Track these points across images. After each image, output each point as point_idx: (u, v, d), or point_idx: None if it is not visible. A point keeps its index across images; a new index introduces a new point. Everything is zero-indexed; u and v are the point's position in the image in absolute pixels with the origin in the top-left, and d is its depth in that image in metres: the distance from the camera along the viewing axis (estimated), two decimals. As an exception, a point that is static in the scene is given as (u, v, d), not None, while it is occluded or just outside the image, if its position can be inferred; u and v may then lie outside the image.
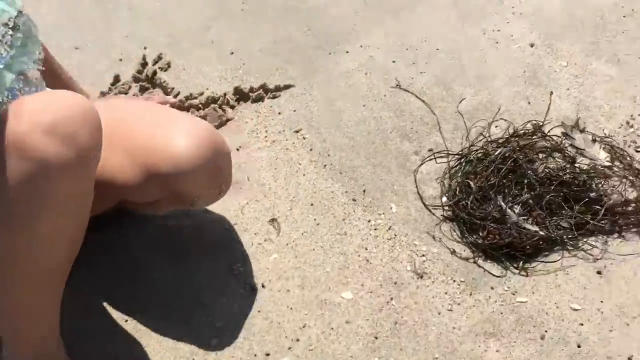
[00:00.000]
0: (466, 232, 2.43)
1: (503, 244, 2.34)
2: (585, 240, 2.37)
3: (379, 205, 2.58)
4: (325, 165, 2.75)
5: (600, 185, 2.47)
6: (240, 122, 2.97)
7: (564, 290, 2.27)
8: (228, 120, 2.96)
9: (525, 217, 2.41)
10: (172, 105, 2.64)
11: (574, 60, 2.97)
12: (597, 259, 2.32)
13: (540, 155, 2.59)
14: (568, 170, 2.49)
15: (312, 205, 2.62)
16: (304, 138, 2.86)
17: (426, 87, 2.96)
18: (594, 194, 2.41)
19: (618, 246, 2.33)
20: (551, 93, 2.82)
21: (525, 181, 2.49)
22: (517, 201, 2.45)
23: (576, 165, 2.53)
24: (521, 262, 2.34)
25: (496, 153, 2.57)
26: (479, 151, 2.64)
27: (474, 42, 3.12)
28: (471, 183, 2.48)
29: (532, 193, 2.44)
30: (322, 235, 2.53)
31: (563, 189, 2.44)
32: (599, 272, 2.29)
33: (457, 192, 2.54)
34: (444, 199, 2.57)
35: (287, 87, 3.08)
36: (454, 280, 2.33)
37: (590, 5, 3.23)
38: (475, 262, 2.37)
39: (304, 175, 2.73)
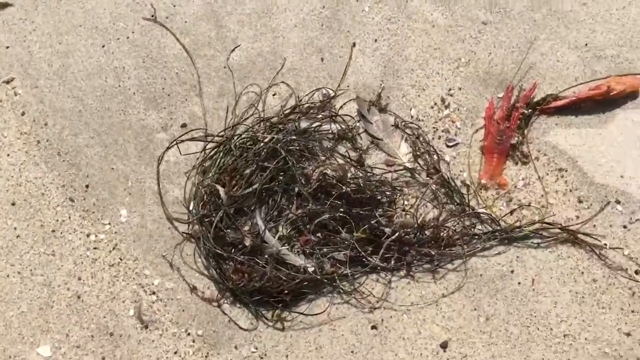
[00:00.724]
0: (212, 261, 1.81)
1: (255, 288, 1.75)
2: (360, 282, 1.81)
3: (105, 210, 1.90)
4: (39, 142, 1.98)
5: (389, 202, 1.86)
6: None
7: (326, 354, 1.77)
8: None
9: (290, 245, 1.81)
10: None
11: None
12: (375, 308, 1.80)
13: (325, 144, 1.92)
14: (351, 178, 1.84)
15: (13, 205, 1.90)
16: (16, 94, 2.03)
17: (191, 22, 2.13)
18: (380, 212, 1.81)
19: (404, 290, 1.81)
20: (353, 45, 2.06)
21: (296, 190, 1.84)
22: (282, 218, 1.84)
23: (366, 168, 1.89)
24: (277, 311, 1.77)
25: (261, 144, 1.85)
26: (244, 135, 1.92)
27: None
28: (221, 191, 1.80)
29: (306, 209, 1.83)
30: (22, 254, 1.85)
31: (342, 205, 1.82)
32: (373, 327, 1.80)
33: (205, 199, 1.86)
34: (191, 206, 1.89)
35: (2, 5, 2.13)
36: (189, 334, 1.78)
37: None
38: (219, 307, 1.80)
39: (7, 155, 1.96)
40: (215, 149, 1.96)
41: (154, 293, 1.85)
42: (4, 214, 1.93)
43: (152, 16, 2.15)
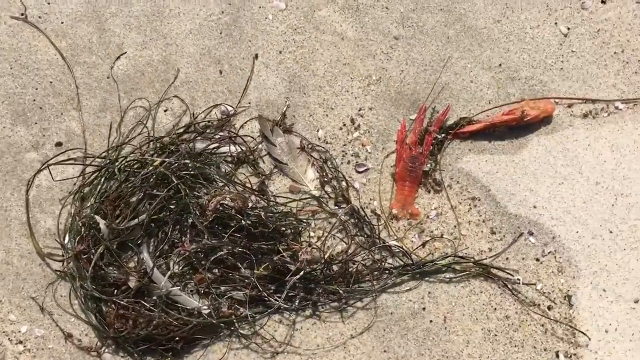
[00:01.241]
0: (91, 303, 1.57)
1: (139, 337, 1.51)
2: (262, 324, 1.63)
3: (-39, 245, 1.59)
4: None
5: (293, 235, 1.68)
6: None
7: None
8: None
9: (183, 284, 1.59)
10: None
11: (297, 2, 1.98)
12: (277, 353, 1.62)
13: (223, 168, 1.71)
14: (252, 207, 1.65)
15: None
16: None
17: (69, 23, 1.86)
18: (283, 246, 1.64)
19: (309, 331, 1.64)
20: (255, 57, 1.85)
21: (190, 222, 1.61)
22: (174, 253, 1.62)
23: (269, 196, 1.70)
24: None
25: (150, 168, 1.61)
26: (130, 158, 1.67)
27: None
28: (101, 222, 1.55)
29: (201, 243, 1.62)
30: None
31: (242, 238, 1.63)
32: (272, 373, 1.61)
33: (83, 232, 1.60)
34: (67, 239, 1.63)
35: None
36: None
37: None
38: (98, 356, 1.55)
39: None
40: (96, 173, 1.70)
41: (20, 342, 1.59)
42: None
43: (22, 14, 1.86)
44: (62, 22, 1.88)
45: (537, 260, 1.76)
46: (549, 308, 1.72)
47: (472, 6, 2.01)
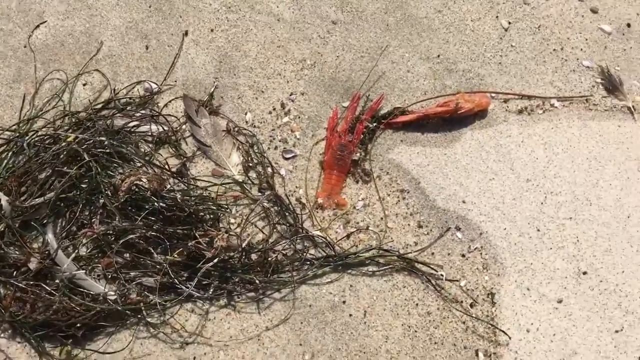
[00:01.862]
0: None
1: (37, 322, 1.42)
2: (172, 313, 1.55)
3: None
4: None
5: (212, 221, 1.61)
6: None
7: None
8: None
9: (90, 267, 1.50)
10: None
11: None
12: (187, 344, 1.54)
13: (143, 148, 1.62)
14: (169, 190, 1.56)
15: None
16: None
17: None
18: (200, 232, 1.56)
19: (222, 322, 1.59)
20: (185, 34, 1.77)
21: (101, 202, 1.52)
22: (82, 236, 1.52)
23: (188, 179, 1.62)
24: (66, 348, 1.46)
25: (63, 144, 1.52)
26: (42, 132, 1.57)
27: None
28: (3, 199, 1.46)
29: (111, 225, 1.52)
30: None
31: (157, 222, 1.53)
32: (185, 362, 1.54)
33: (-13, 208, 1.50)
34: (-31, 213, 1.53)
35: None
36: (-51, 374, 1.41)
37: None
38: (-7, 339, 1.46)
39: None
40: (4, 146, 1.60)
41: None
42: None
43: None
44: (-22, -15, 1.75)
45: (463, 256, 1.71)
46: (472, 305, 1.68)
47: (414, -6, 1.96)
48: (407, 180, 1.77)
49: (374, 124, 1.80)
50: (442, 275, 1.68)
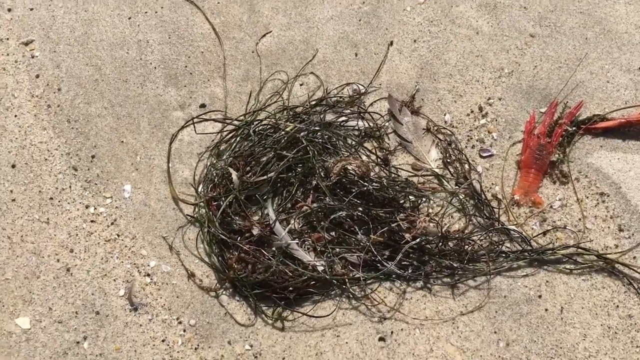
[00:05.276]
0: (215, 248, 1.66)
1: (257, 280, 1.59)
2: (372, 288, 1.64)
3: (109, 183, 1.77)
4: (49, 106, 1.87)
5: (412, 207, 1.72)
6: (-52, 14, 1.99)
7: None
8: None
9: (301, 240, 1.65)
10: None
11: None
12: (385, 319, 1.62)
13: (350, 141, 1.80)
14: (375, 176, 1.69)
15: (13, 167, 1.78)
16: (33, 56, 1.93)
17: (224, 3, 2.06)
18: (401, 216, 1.67)
19: (418, 302, 1.64)
20: (390, 44, 1.94)
21: (314, 183, 1.69)
22: (296, 211, 1.71)
23: (391, 168, 1.75)
24: (278, 309, 1.60)
25: (282, 132, 1.72)
26: (265, 121, 1.79)
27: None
28: (234, 174, 1.66)
29: (322, 204, 1.69)
30: (15, 219, 1.71)
31: (362, 204, 1.67)
32: (381, 339, 1.64)
33: (216, 182, 1.72)
34: (201, 188, 1.76)
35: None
36: (180, 322, 1.63)
37: None
38: (216, 297, 1.64)
39: (15, 117, 1.84)
40: (233, 133, 1.83)
41: (148, 275, 1.70)
42: (2, 175, 1.81)
43: (185, -8, 2.06)
44: (218, 2, 2.06)
45: (669, 261, 1.66)
46: (679, 312, 1.61)
47: (613, 11, 2.00)
48: (607, 184, 1.77)
49: (573, 128, 1.83)
50: (646, 277, 1.64)
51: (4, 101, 1.91)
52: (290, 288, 1.65)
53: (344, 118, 1.86)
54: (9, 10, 2.04)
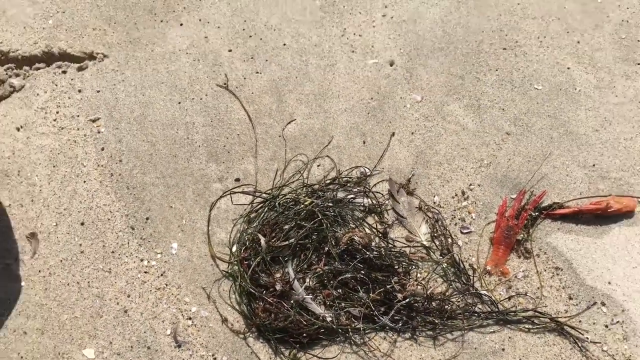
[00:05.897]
0: (245, 299, 2.10)
1: (278, 326, 2.03)
2: (370, 337, 2.11)
3: (159, 241, 2.20)
4: (112, 174, 2.31)
5: (404, 272, 2.16)
6: (30, 93, 2.44)
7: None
8: (14, 91, 2.43)
9: (314, 295, 2.08)
10: None
11: (431, 97, 2.55)
12: (374, 360, 2.06)
13: (356, 214, 2.24)
14: (375, 246, 2.14)
15: (82, 224, 2.21)
16: (99, 132, 2.38)
17: (257, 94, 2.50)
18: (395, 279, 2.11)
19: (406, 350, 2.09)
20: (392, 134, 2.41)
21: (326, 249, 2.14)
22: (311, 272, 2.15)
23: (388, 240, 2.19)
24: (294, 350, 2.04)
25: (301, 206, 2.17)
26: (288, 196, 2.24)
27: (327, 44, 2.62)
28: (262, 239, 2.11)
29: (332, 266, 2.15)
30: (83, 268, 2.15)
31: (364, 268, 2.14)
32: (370, 377, 2.04)
33: (247, 245, 2.17)
34: (234, 248, 2.20)
35: (94, 57, 2.53)
36: (215, 358, 2.05)
37: (472, 26, 2.71)
38: (244, 339, 2.07)
39: (84, 182, 2.29)
40: (262, 204, 2.29)
41: (190, 318, 2.13)
42: (73, 231, 2.25)
43: (225, 84, 2.53)
44: (252, 93, 2.54)
45: (606, 326, 2.11)
46: (613, 368, 2.05)
47: (575, 116, 2.48)
48: (562, 260, 2.22)
49: (536, 213, 2.29)
50: (587, 338, 2.09)
51: (75, 169, 2.36)
52: (304, 334, 2.08)
53: (352, 195, 2.32)
54: (79, 91, 2.51)
